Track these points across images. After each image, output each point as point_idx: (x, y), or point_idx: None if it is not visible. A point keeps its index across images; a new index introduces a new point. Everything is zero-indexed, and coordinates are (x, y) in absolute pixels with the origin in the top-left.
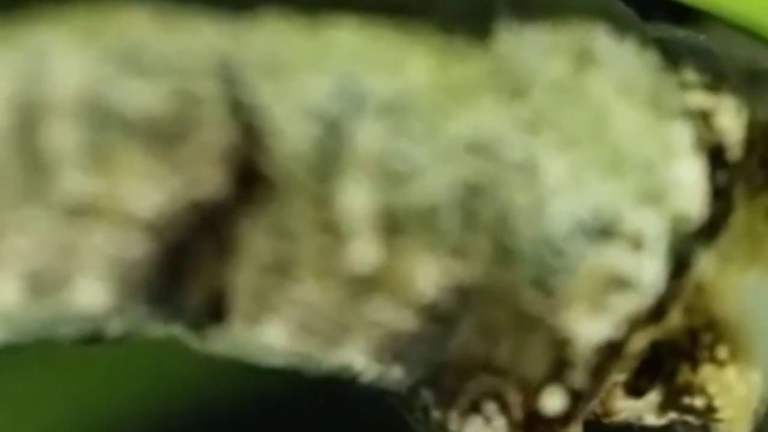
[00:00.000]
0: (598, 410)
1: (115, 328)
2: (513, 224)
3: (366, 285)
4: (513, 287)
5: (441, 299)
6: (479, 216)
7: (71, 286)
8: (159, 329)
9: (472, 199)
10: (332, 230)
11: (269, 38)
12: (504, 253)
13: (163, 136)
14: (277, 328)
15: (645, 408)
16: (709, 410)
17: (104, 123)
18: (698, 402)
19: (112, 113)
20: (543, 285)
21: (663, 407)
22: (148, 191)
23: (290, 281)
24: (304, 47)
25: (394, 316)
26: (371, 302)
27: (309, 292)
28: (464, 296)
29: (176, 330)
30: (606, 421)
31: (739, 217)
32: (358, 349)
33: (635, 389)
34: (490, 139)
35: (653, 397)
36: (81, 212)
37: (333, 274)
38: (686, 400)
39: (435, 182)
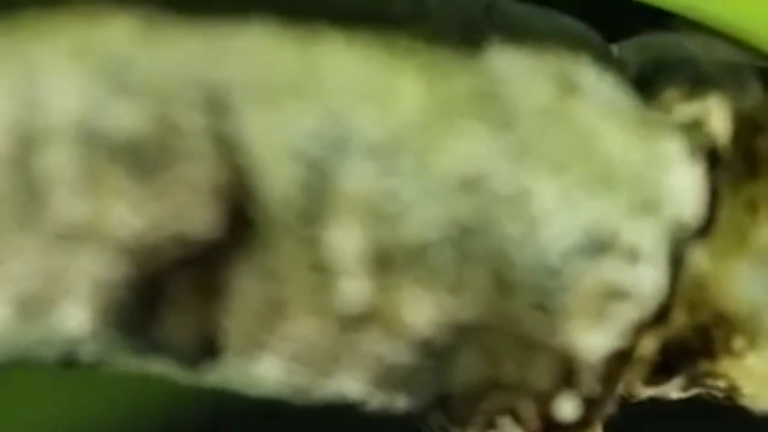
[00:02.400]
0: (624, 394)
1: (88, 353)
2: (508, 255)
3: (358, 321)
4: (513, 315)
5: (438, 335)
6: (473, 252)
7: (56, 309)
8: (131, 361)
9: (465, 236)
10: (322, 270)
11: (255, 54)
12: (501, 284)
13: (146, 160)
14: (270, 362)
15: (669, 389)
16: (733, 389)
17: (94, 144)
18: (721, 383)
19: (100, 135)
20: (543, 307)
21: (686, 388)
22: (127, 214)
23: (282, 320)
24: (291, 69)
25: (388, 349)
26: (364, 337)
27: (301, 328)
28: (462, 331)
29: (155, 365)
30: (630, 401)
31: (726, 210)
32: (353, 377)
33: (654, 382)
34: (480, 174)
35: (676, 381)
36: (70, 236)
37: (325, 312)
38: (709, 382)
39: (426, 220)
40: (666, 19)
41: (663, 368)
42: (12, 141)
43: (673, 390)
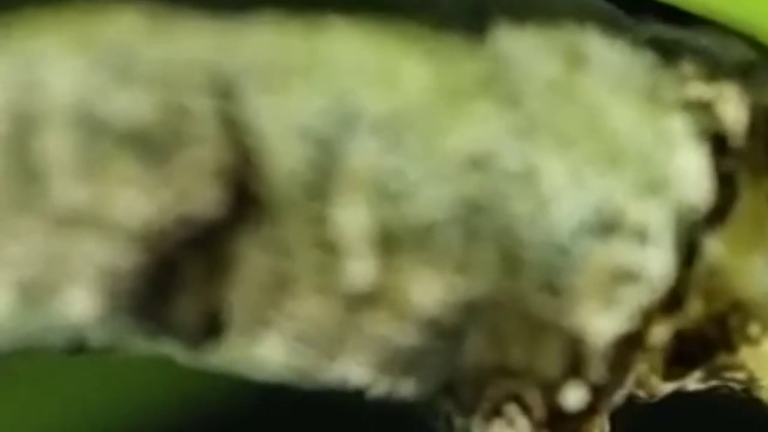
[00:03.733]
0: (642, 393)
1: (98, 338)
2: (517, 233)
3: (364, 300)
4: (521, 294)
5: (445, 315)
6: (481, 230)
7: (60, 295)
8: (142, 344)
9: (473, 215)
10: (329, 248)
11: (263, 42)
12: (510, 262)
13: (154, 147)
14: (274, 342)
15: (687, 382)
16: (751, 380)
17: (96, 132)
18: (739, 375)
19: (104, 122)
20: (551, 287)
21: (704, 380)
22: (137, 201)
23: (287, 297)
24: (298, 54)
25: (395, 331)
26: (370, 317)
27: (306, 307)
28: (470, 310)
29: (164, 347)
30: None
31: (745, 201)
32: (357, 361)
33: (671, 376)
34: (488, 152)
35: (695, 374)
36: (72, 221)
37: (330, 290)
38: (727, 374)
39: (432, 199)
40: (682, 18)
41: (680, 360)
42: (9, 123)
43: (692, 383)
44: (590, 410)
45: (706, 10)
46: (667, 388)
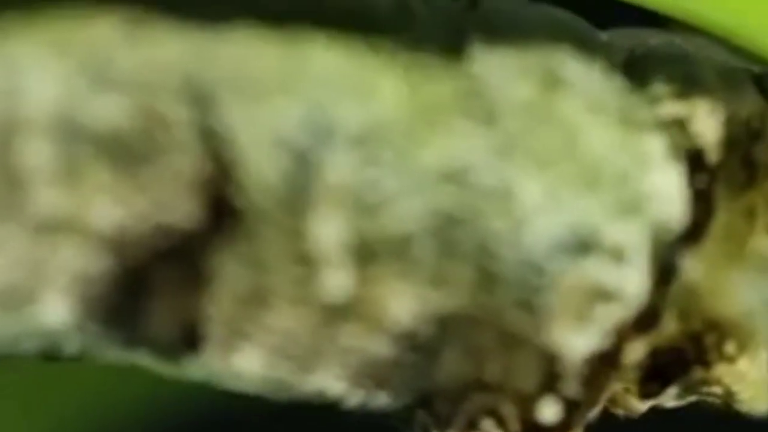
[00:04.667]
0: (621, 410)
1: (73, 346)
2: (493, 250)
3: (340, 312)
4: (496, 310)
5: (421, 328)
6: (457, 244)
7: (36, 302)
8: (117, 353)
9: (449, 228)
10: (305, 261)
11: (240, 53)
12: (485, 279)
13: (131, 154)
14: (251, 354)
15: (664, 399)
16: (728, 395)
17: (74, 138)
18: (716, 390)
19: (82, 129)
20: (527, 304)
21: (681, 396)
22: (110, 207)
23: (264, 310)
24: (275, 66)
25: (369, 343)
26: (345, 329)
27: (283, 319)
28: (445, 324)
29: (140, 357)
30: (631, 416)
31: (721, 217)
32: (332, 374)
33: (647, 394)
34: (464, 167)
35: (671, 391)
36: (51, 228)
37: (307, 303)
38: (704, 389)
39: (408, 212)
40: (661, 22)
41: (655, 377)
42: None
43: (669, 400)
44: (564, 425)
45: (684, 12)
46: (644, 406)
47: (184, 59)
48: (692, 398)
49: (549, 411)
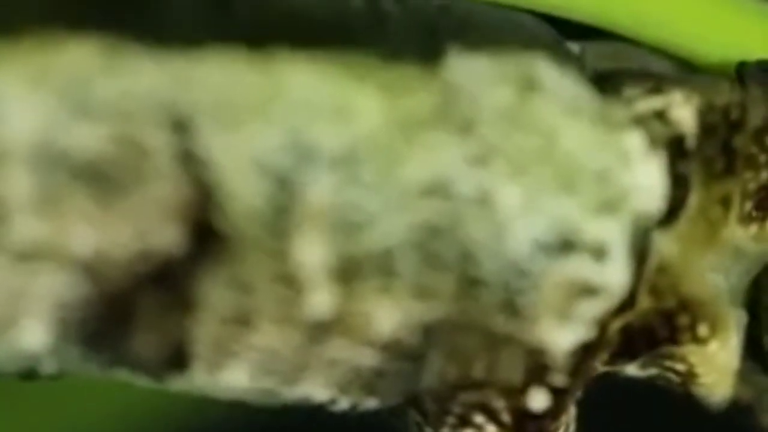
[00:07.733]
0: None
1: (49, 366)
2: (475, 257)
3: (325, 329)
4: (481, 314)
5: (406, 337)
6: (439, 255)
7: (15, 327)
8: (97, 373)
9: (431, 241)
10: (289, 282)
11: (216, 79)
12: (469, 286)
13: (110, 181)
14: (238, 371)
15: (626, 368)
16: (691, 375)
17: (54, 167)
18: (679, 367)
19: (62, 157)
20: (511, 306)
21: (643, 366)
22: (90, 234)
23: (250, 330)
24: (252, 89)
25: (355, 355)
26: (330, 343)
27: (268, 338)
28: (429, 332)
29: (121, 375)
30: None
31: (698, 201)
32: (319, 384)
33: (614, 364)
34: (443, 180)
35: (636, 362)
36: (30, 256)
37: (291, 322)
38: (667, 363)
39: (390, 228)
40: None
41: (625, 351)
42: None
43: (632, 369)
44: (554, 410)
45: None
46: (601, 369)
47: (162, 86)
48: (653, 371)
49: (538, 400)
